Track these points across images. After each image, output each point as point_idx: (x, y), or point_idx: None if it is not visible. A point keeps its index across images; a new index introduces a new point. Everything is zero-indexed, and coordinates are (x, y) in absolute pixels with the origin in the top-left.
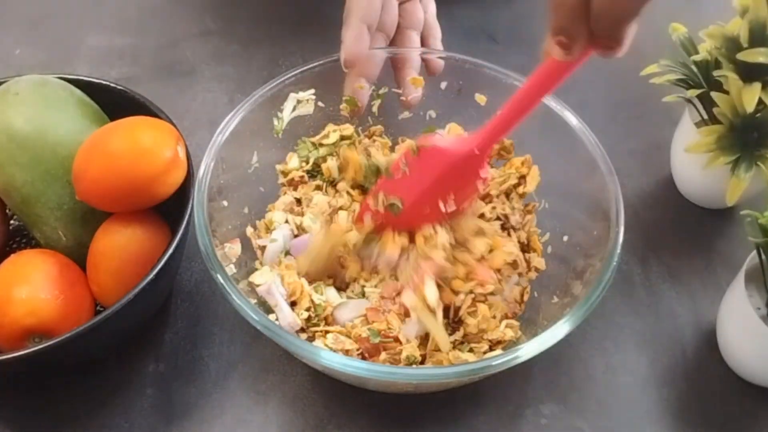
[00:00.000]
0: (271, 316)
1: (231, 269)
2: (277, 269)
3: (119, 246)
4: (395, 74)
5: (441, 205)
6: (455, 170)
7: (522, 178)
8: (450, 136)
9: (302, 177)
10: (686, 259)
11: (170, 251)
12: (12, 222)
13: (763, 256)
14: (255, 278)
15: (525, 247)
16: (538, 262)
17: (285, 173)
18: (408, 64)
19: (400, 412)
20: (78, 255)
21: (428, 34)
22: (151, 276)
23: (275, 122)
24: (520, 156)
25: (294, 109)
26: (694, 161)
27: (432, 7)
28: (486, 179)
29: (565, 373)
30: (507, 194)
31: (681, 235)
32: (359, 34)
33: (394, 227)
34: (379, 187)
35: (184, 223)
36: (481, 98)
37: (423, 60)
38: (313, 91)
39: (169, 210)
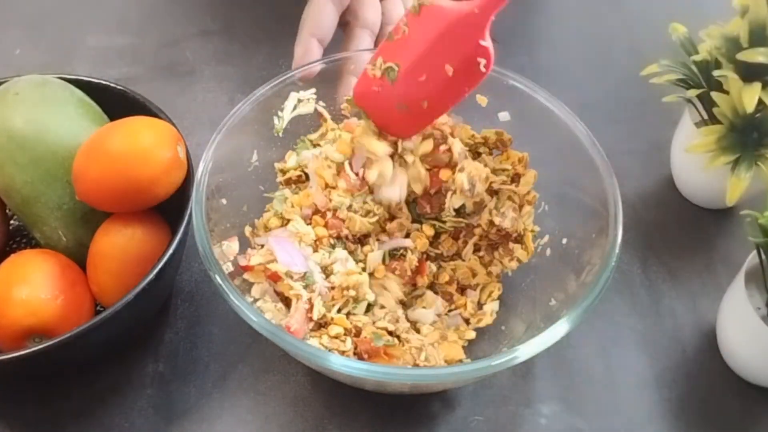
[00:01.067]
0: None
1: (228, 267)
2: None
3: (119, 246)
4: None
5: (437, 74)
6: (453, 32)
7: (516, 175)
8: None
9: (299, 177)
10: (686, 259)
11: (170, 251)
12: (12, 222)
13: (763, 256)
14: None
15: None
16: (521, 253)
17: (283, 171)
18: None
19: (400, 412)
20: (78, 255)
21: None
22: (151, 276)
23: (276, 121)
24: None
25: (295, 108)
26: (694, 161)
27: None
28: (488, 53)
29: (564, 373)
30: (496, 192)
31: (681, 235)
32: (308, 49)
33: (387, 102)
34: (379, 51)
35: (184, 223)
36: (482, 99)
37: None
38: (313, 90)
39: (169, 210)
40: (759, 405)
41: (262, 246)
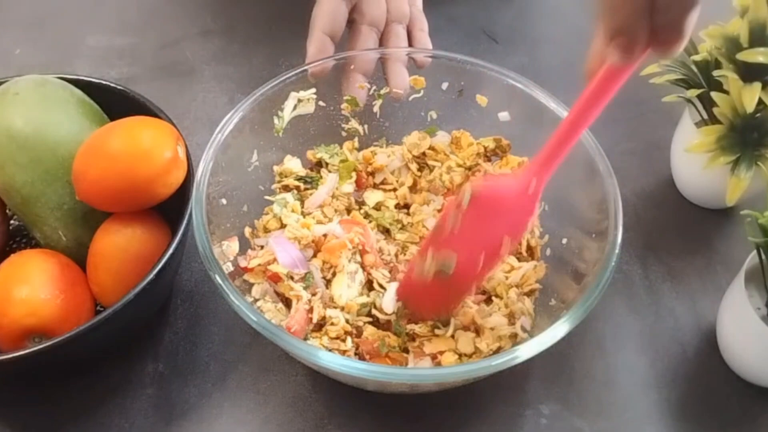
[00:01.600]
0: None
1: (228, 267)
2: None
3: (119, 246)
4: (383, 67)
5: (494, 253)
6: (508, 214)
7: None
8: (499, 176)
9: (298, 186)
10: (686, 259)
11: (170, 251)
12: (12, 222)
13: (763, 256)
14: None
15: (528, 251)
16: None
17: (282, 175)
18: (394, 56)
19: (401, 411)
20: (78, 255)
21: (414, 26)
22: (151, 276)
23: (276, 121)
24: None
25: (295, 108)
26: (694, 161)
27: (419, 1)
28: (533, 212)
29: (565, 373)
30: None
31: (681, 235)
32: (322, 46)
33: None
34: (426, 244)
35: (184, 223)
36: (482, 99)
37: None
38: (314, 90)
39: (169, 210)
40: (759, 405)
41: (262, 247)
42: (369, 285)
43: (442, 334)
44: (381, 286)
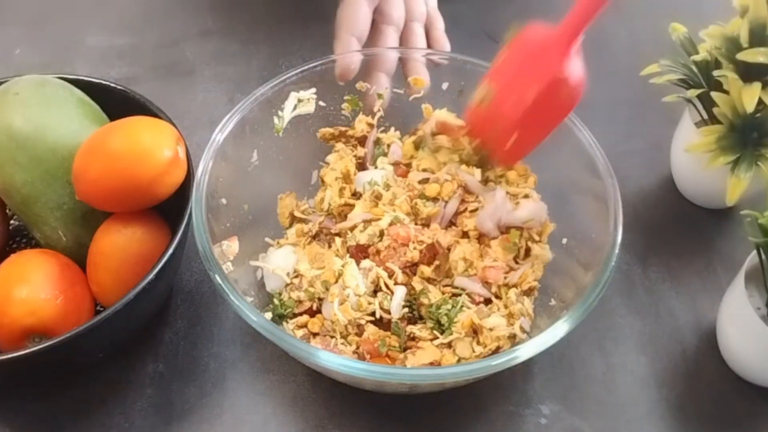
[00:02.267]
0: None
1: (228, 267)
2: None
3: (119, 246)
4: (402, 66)
5: (524, 95)
6: (536, 57)
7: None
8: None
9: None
10: (686, 259)
11: (170, 251)
12: (12, 222)
13: (763, 256)
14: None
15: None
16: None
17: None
18: (413, 56)
19: (400, 411)
20: (78, 255)
21: (431, 25)
22: (151, 276)
23: (276, 121)
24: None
25: (295, 107)
26: (694, 161)
27: (433, 0)
28: (569, 80)
29: (565, 373)
30: None
31: (681, 235)
32: (348, 47)
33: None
34: (486, 77)
35: (184, 223)
36: None
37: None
38: (314, 90)
39: (169, 210)
40: (758, 405)
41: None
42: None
43: (439, 341)
44: (388, 287)
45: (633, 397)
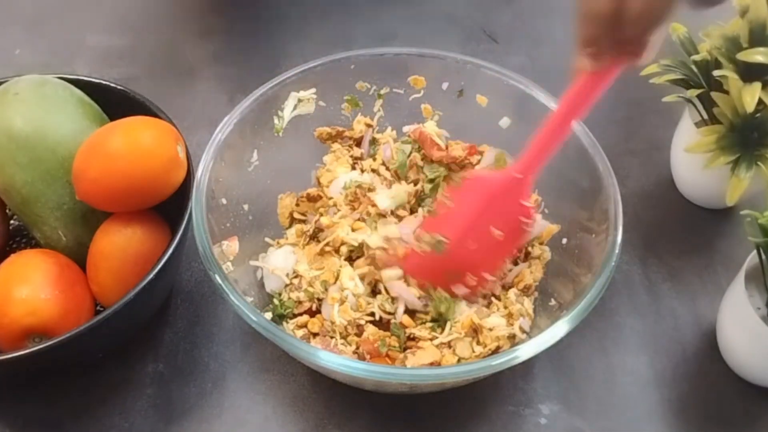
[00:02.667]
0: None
1: (228, 267)
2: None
3: (119, 246)
4: None
5: (485, 240)
6: (498, 198)
7: None
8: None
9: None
10: (686, 259)
11: (170, 251)
12: (12, 222)
13: (763, 256)
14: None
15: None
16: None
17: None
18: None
19: (400, 411)
20: (78, 255)
21: None
22: (151, 276)
23: (276, 121)
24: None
25: (295, 107)
26: (694, 161)
27: None
28: (530, 213)
29: (565, 372)
30: None
31: (681, 235)
32: None
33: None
34: (423, 226)
35: (184, 223)
36: (482, 99)
37: None
38: (314, 90)
39: (169, 210)
40: (758, 405)
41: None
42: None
43: (438, 340)
44: (387, 290)
45: (633, 397)
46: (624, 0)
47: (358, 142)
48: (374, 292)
